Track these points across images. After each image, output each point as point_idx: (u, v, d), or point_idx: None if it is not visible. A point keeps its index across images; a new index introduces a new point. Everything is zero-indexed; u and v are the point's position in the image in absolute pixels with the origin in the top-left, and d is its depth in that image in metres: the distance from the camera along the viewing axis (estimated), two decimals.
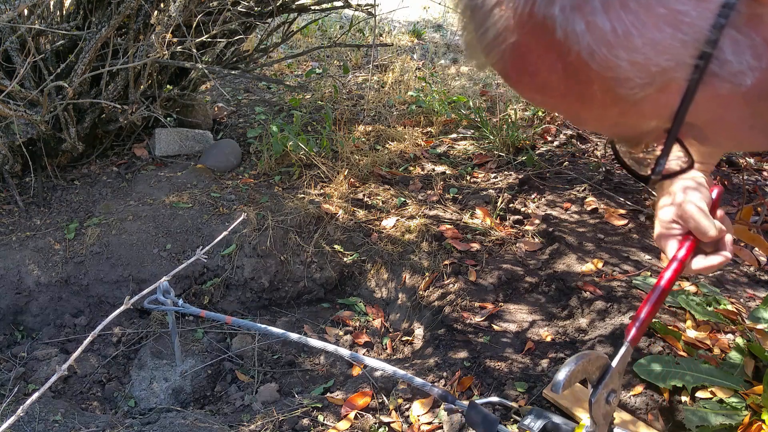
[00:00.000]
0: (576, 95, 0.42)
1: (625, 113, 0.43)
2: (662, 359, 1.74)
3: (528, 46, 0.41)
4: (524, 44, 0.41)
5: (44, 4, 2.61)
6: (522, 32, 0.40)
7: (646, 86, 0.40)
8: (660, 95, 0.40)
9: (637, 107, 0.42)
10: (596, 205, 2.71)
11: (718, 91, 0.40)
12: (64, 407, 1.95)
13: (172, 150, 3.19)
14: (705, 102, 0.41)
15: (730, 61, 0.38)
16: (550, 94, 0.44)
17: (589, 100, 0.42)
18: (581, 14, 0.37)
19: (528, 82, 0.44)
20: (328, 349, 1.71)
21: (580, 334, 2.01)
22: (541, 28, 0.39)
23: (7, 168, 2.76)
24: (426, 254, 2.56)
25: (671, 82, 0.40)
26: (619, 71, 0.39)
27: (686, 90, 0.40)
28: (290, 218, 2.69)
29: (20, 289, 2.44)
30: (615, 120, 0.45)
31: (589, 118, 0.46)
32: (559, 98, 0.44)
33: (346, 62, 4.61)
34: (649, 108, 0.42)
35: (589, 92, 0.41)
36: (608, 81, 0.40)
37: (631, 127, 0.46)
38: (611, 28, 0.37)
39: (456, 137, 3.56)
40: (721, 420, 1.54)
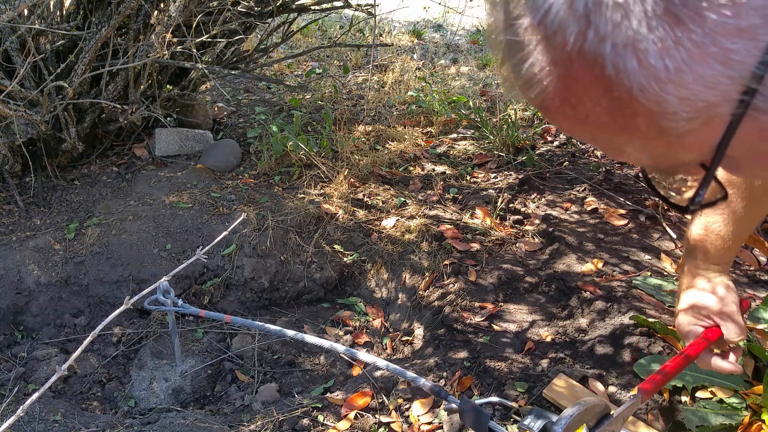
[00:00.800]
0: (619, 127, 0.43)
1: (667, 145, 0.43)
2: (662, 359, 1.74)
3: (574, 80, 0.41)
4: (570, 78, 0.41)
5: (44, 4, 2.61)
6: (569, 68, 0.41)
7: (691, 120, 0.40)
8: (704, 128, 0.41)
9: (680, 140, 0.42)
10: (596, 205, 2.70)
11: (761, 125, 0.41)
12: (64, 407, 1.95)
13: (172, 150, 3.19)
14: (746, 135, 0.42)
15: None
16: (592, 126, 0.44)
17: (632, 132, 0.43)
18: (634, 51, 0.38)
19: (570, 114, 0.44)
20: (324, 345, 1.71)
21: (580, 334, 2.01)
22: (591, 64, 0.39)
23: (7, 168, 2.76)
24: (426, 254, 2.56)
25: (716, 117, 0.41)
26: (666, 106, 0.40)
27: (729, 124, 0.41)
28: (290, 218, 2.69)
29: (20, 289, 2.44)
30: (656, 152, 0.45)
31: (630, 150, 0.46)
32: (600, 129, 0.44)
33: (346, 62, 4.61)
34: (692, 141, 0.43)
35: (633, 124, 0.42)
36: (655, 115, 0.40)
37: (671, 158, 0.46)
38: (663, 66, 0.38)
39: (456, 137, 3.56)
40: (721, 420, 1.54)
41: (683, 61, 0.38)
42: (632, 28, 0.37)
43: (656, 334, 1.88)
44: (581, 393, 1.73)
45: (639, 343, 1.86)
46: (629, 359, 1.83)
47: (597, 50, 0.39)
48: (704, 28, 0.37)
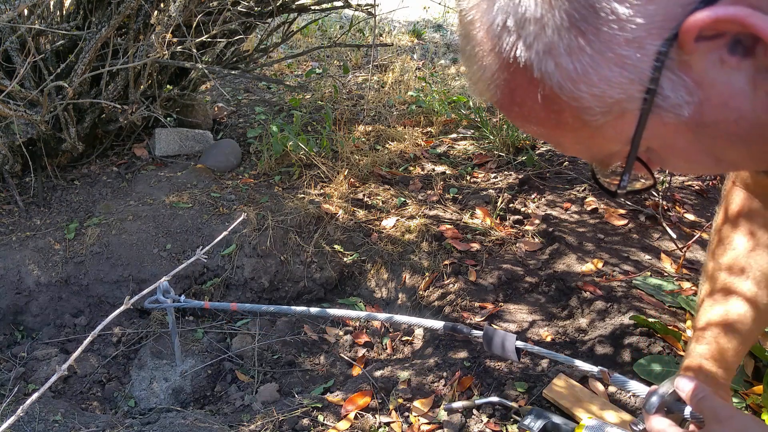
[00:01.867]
0: (554, 122, 0.52)
1: (592, 137, 0.52)
2: (662, 359, 1.74)
3: (515, 83, 0.51)
4: (511, 81, 0.51)
5: (44, 4, 2.61)
6: (509, 73, 0.50)
7: (605, 114, 0.49)
8: (618, 122, 0.50)
9: (601, 131, 0.51)
10: (596, 205, 2.71)
11: (665, 120, 0.49)
12: (64, 407, 1.95)
13: (172, 150, 3.19)
14: (656, 129, 0.50)
15: (669, 96, 0.47)
16: (535, 122, 0.53)
17: (563, 126, 0.52)
18: (551, 57, 0.47)
19: (517, 112, 0.53)
20: (351, 315, 1.72)
21: (580, 334, 2.01)
22: (523, 69, 0.49)
23: (7, 168, 2.76)
24: (426, 254, 2.56)
25: (626, 112, 0.49)
26: (582, 101, 0.48)
27: (639, 118, 0.49)
28: (290, 218, 2.69)
29: (20, 289, 2.44)
30: (586, 144, 0.54)
31: (566, 142, 0.56)
32: (542, 125, 0.53)
33: (346, 62, 4.61)
34: (611, 132, 0.51)
35: (562, 119, 0.51)
36: (575, 109, 0.49)
37: (599, 149, 0.55)
38: (573, 67, 0.47)
39: (456, 137, 3.56)
40: None
41: (588, 64, 0.46)
42: (548, 37, 0.46)
43: (656, 334, 1.88)
44: (581, 393, 1.73)
45: (639, 343, 1.86)
46: (629, 359, 1.83)
47: (525, 56, 0.48)
48: (600, 38, 0.45)
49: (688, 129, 0.49)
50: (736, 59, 0.45)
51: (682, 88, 0.47)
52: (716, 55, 0.45)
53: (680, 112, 0.48)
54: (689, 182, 2.94)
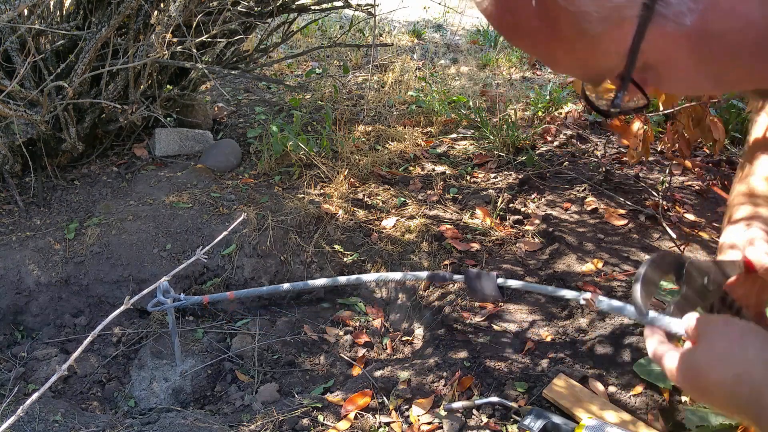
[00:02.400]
0: (548, 32, 0.50)
1: (587, 48, 0.50)
2: None
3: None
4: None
5: (44, 4, 2.61)
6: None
7: (603, 21, 0.47)
8: (616, 31, 0.47)
9: (597, 42, 0.49)
10: (596, 205, 2.71)
11: (665, 29, 0.46)
12: (64, 407, 1.95)
13: (172, 150, 3.19)
14: (655, 40, 0.47)
15: (672, 2, 0.45)
16: (527, 32, 0.51)
17: (557, 36, 0.50)
18: None
19: (509, 21, 0.51)
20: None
21: (580, 334, 2.01)
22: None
23: (7, 168, 2.76)
24: (426, 254, 2.56)
25: (625, 20, 0.46)
26: (579, 5, 0.46)
27: (638, 26, 0.46)
28: (290, 218, 2.69)
29: (20, 289, 2.44)
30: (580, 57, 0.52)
31: (560, 56, 0.53)
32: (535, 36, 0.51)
33: (346, 62, 4.61)
34: (608, 44, 0.49)
35: (558, 27, 0.49)
36: (572, 15, 0.47)
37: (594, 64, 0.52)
38: None
39: (456, 137, 3.56)
40: (721, 420, 1.54)
41: None
42: None
43: None
44: (581, 393, 1.73)
45: (639, 343, 1.86)
46: (629, 359, 1.83)
47: None
48: None
49: (690, 41, 0.47)
50: None
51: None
52: None
53: (682, 21, 0.46)
54: (689, 182, 2.94)
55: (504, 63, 4.82)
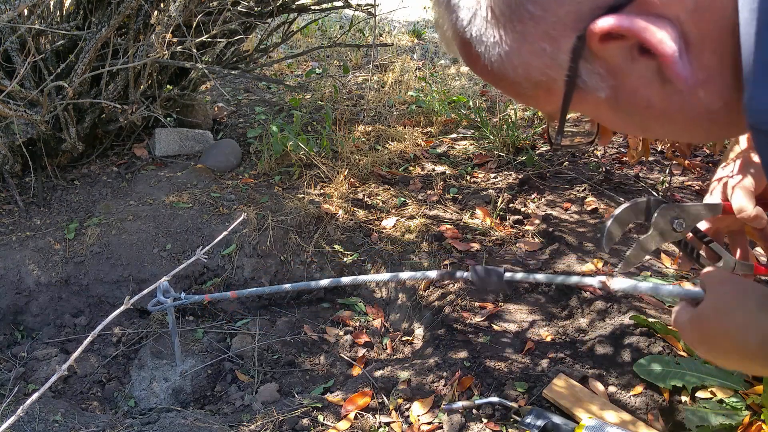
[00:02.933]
0: (498, 84, 0.59)
1: (527, 100, 0.60)
2: (662, 359, 1.74)
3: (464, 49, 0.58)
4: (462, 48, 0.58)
5: (44, 4, 2.61)
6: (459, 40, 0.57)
7: (534, 88, 0.55)
8: (547, 95, 0.56)
9: (534, 99, 0.58)
10: (596, 205, 2.71)
11: (587, 98, 0.54)
12: (64, 407, 1.95)
13: (172, 150, 3.19)
14: (581, 103, 0.55)
15: (586, 81, 0.53)
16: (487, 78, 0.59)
17: (507, 89, 0.59)
18: (480, 40, 0.54)
19: (473, 68, 0.60)
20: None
21: (580, 334, 2.01)
22: (467, 43, 0.56)
23: (7, 168, 2.76)
24: (426, 254, 2.56)
25: (552, 89, 0.54)
26: (511, 78, 0.56)
27: (564, 95, 0.54)
28: (290, 218, 2.69)
29: (20, 289, 2.44)
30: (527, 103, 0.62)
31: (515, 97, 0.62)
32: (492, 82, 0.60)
33: (346, 62, 4.61)
34: (543, 101, 0.58)
35: (502, 84, 0.58)
36: (507, 81, 0.57)
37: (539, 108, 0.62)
38: (497, 52, 0.54)
39: (456, 137, 3.56)
40: (721, 420, 1.54)
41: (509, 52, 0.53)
42: (477, 25, 0.54)
43: (656, 334, 1.88)
44: (581, 393, 1.73)
45: (639, 343, 1.86)
46: (629, 359, 1.83)
47: (465, 34, 0.55)
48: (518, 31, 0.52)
49: (609, 106, 0.55)
50: (645, 57, 0.49)
51: (596, 75, 0.52)
52: (627, 51, 0.49)
53: (599, 94, 0.53)
54: (689, 182, 2.94)
55: None
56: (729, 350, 0.69)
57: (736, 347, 0.68)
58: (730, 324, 0.68)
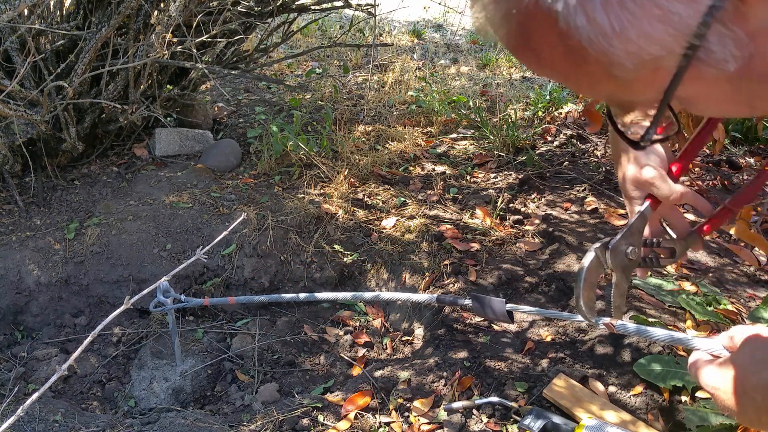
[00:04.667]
0: (574, 70, 0.48)
1: (617, 87, 0.48)
2: (662, 359, 1.74)
3: (532, 29, 0.46)
4: (528, 27, 0.46)
5: (44, 4, 2.61)
6: (527, 17, 0.45)
7: (638, 69, 0.45)
8: (651, 76, 0.46)
9: (628, 85, 0.47)
10: (596, 205, 2.70)
11: (703, 75, 0.45)
12: (64, 407, 1.95)
13: (172, 150, 3.19)
14: (691, 82, 0.46)
15: (714, 51, 0.43)
16: (551, 67, 0.49)
17: (584, 75, 0.48)
18: (582, 10, 0.43)
19: (530, 56, 0.49)
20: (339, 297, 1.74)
21: (580, 334, 2.01)
22: (545, 17, 0.44)
23: (7, 168, 2.76)
24: (426, 254, 2.56)
25: (661, 67, 0.45)
26: (614, 57, 0.44)
27: (675, 74, 0.45)
28: (290, 218, 2.69)
29: (20, 289, 2.44)
30: (608, 91, 0.50)
31: (585, 88, 0.52)
32: (558, 71, 0.49)
33: (346, 62, 4.61)
34: (641, 87, 0.48)
35: (586, 69, 0.47)
36: (603, 63, 0.45)
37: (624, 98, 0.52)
38: (609, 23, 0.43)
39: (456, 137, 3.56)
40: (721, 420, 1.54)
41: (627, 20, 0.42)
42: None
43: None
44: (581, 393, 1.73)
45: (639, 343, 1.86)
46: (629, 359, 1.83)
47: (551, 6, 0.43)
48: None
49: (729, 81, 0.46)
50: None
51: (731, 41, 0.43)
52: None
53: (724, 67, 0.44)
54: (689, 182, 2.94)
55: (504, 63, 4.82)
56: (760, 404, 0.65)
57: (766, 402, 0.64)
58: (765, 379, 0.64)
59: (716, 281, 2.21)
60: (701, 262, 2.34)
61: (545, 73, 0.52)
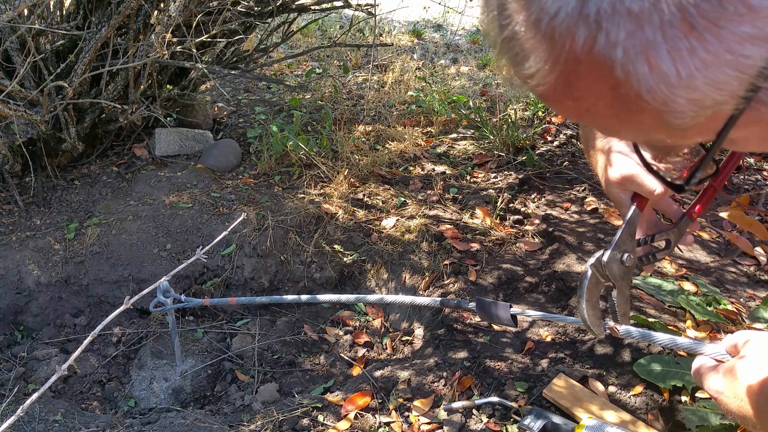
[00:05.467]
0: (622, 119, 0.44)
1: (669, 136, 0.45)
2: (662, 359, 1.74)
3: (578, 78, 0.42)
4: (574, 76, 0.42)
5: (44, 4, 2.61)
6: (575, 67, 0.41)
7: (696, 117, 0.42)
8: (707, 122, 0.43)
9: (683, 133, 0.44)
10: (596, 205, 2.70)
11: (762, 116, 0.43)
12: (64, 407, 1.95)
13: (172, 150, 3.19)
14: (746, 123, 0.43)
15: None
16: (591, 116, 0.45)
17: (635, 124, 0.44)
18: (646, 58, 0.39)
19: (570, 105, 0.45)
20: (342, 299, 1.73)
21: (580, 334, 2.01)
22: (599, 65, 0.40)
23: (7, 168, 2.76)
24: (426, 254, 2.56)
25: (721, 111, 0.42)
26: (674, 107, 0.41)
27: (731, 117, 0.42)
28: (290, 218, 2.69)
29: (20, 289, 2.44)
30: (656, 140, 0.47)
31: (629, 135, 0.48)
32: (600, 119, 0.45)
33: (346, 62, 4.61)
34: (694, 132, 0.44)
35: (637, 119, 0.43)
36: (661, 113, 0.41)
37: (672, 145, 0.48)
38: (675, 71, 0.39)
39: (456, 137, 3.56)
40: (721, 420, 1.54)
41: (696, 67, 0.39)
42: (646, 37, 0.38)
43: None
44: (581, 393, 1.73)
45: (639, 343, 1.86)
46: (629, 359, 1.83)
47: (607, 54, 0.39)
48: (719, 37, 0.37)
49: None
50: None
51: None
52: None
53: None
54: None
55: None
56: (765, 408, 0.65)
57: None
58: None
59: (716, 281, 2.21)
60: (701, 262, 2.34)
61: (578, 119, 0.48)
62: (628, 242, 0.89)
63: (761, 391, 0.65)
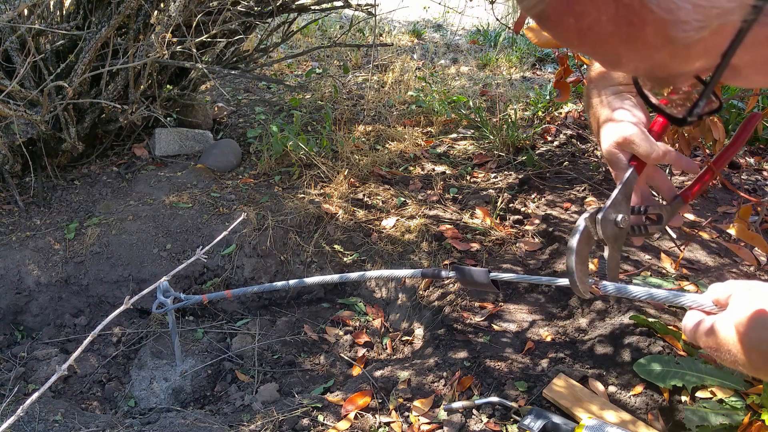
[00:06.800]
0: (623, 37, 0.41)
1: (672, 56, 0.42)
2: (662, 359, 1.74)
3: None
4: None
5: (44, 4, 2.61)
6: None
7: (702, 29, 0.40)
8: (712, 37, 0.40)
9: (687, 50, 0.41)
10: (596, 205, 2.70)
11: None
12: (64, 407, 1.95)
13: (172, 150, 3.19)
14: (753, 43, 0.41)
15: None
16: (594, 38, 0.43)
17: (636, 42, 0.41)
18: None
19: (572, 24, 0.42)
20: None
21: (580, 334, 2.01)
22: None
23: (7, 168, 2.76)
24: (426, 254, 2.56)
25: (727, 25, 0.40)
26: (679, 14, 0.38)
27: (738, 31, 0.40)
28: (290, 218, 2.69)
29: (20, 289, 2.44)
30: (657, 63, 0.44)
31: (630, 60, 0.45)
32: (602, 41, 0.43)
33: (346, 62, 4.61)
34: (699, 50, 0.42)
35: (639, 34, 0.41)
36: (665, 23, 0.39)
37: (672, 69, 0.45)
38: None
39: (456, 137, 3.56)
40: (721, 420, 1.54)
41: None
42: None
43: (656, 334, 1.88)
44: (581, 393, 1.73)
45: (639, 343, 1.86)
46: (629, 359, 1.83)
47: None
48: None
49: None
50: None
51: None
52: None
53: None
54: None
55: (504, 63, 4.82)
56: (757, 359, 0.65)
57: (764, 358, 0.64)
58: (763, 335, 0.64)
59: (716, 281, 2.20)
60: (701, 262, 2.34)
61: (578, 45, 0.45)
62: (623, 204, 0.88)
63: (750, 347, 0.65)
